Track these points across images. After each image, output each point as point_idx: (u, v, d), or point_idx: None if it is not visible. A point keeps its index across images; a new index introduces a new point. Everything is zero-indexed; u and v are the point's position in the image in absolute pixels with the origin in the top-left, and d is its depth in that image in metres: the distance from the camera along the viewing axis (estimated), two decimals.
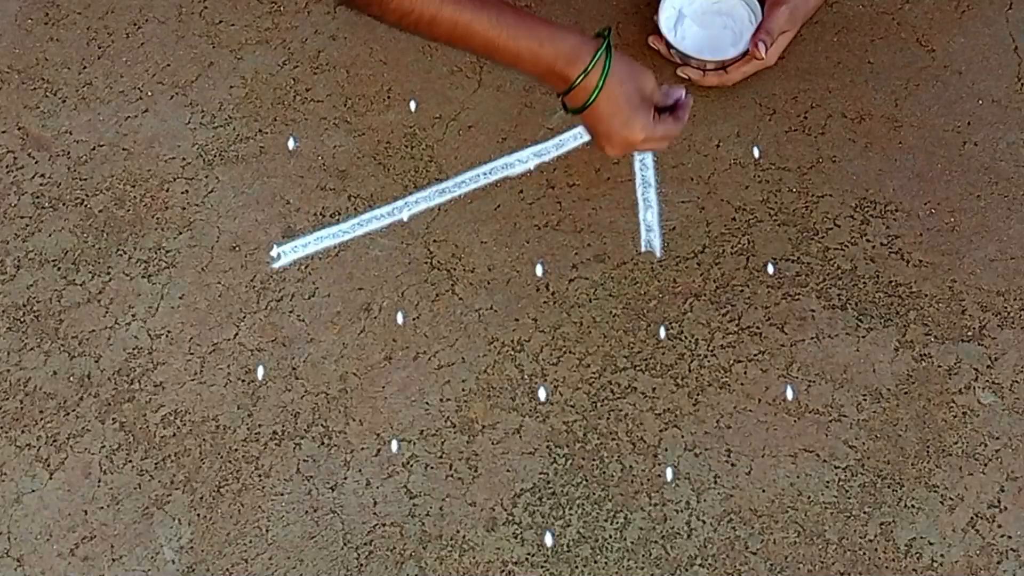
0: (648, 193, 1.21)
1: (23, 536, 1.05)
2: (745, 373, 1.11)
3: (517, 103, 1.27)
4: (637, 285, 1.16)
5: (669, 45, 1.26)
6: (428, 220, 1.20)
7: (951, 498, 1.04)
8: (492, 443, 1.08)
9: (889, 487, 1.05)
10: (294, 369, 1.13)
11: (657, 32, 1.26)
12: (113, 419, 1.10)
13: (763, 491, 1.05)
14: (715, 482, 1.06)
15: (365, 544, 1.04)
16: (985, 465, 1.05)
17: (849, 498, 1.04)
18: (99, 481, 1.07)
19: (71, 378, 1.13)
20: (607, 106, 1.03)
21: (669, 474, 1.06)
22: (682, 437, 1.08)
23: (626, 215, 1.20)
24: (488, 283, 1.17)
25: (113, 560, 1.04)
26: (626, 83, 1.03)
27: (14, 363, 1.14)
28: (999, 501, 1.04)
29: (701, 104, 1.26)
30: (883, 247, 1.17)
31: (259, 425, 1.10)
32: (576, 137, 1.25)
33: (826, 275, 1.15)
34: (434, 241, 1.19)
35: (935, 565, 1.01)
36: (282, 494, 1.06)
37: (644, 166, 1.23)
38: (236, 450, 1.08)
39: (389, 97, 1.28)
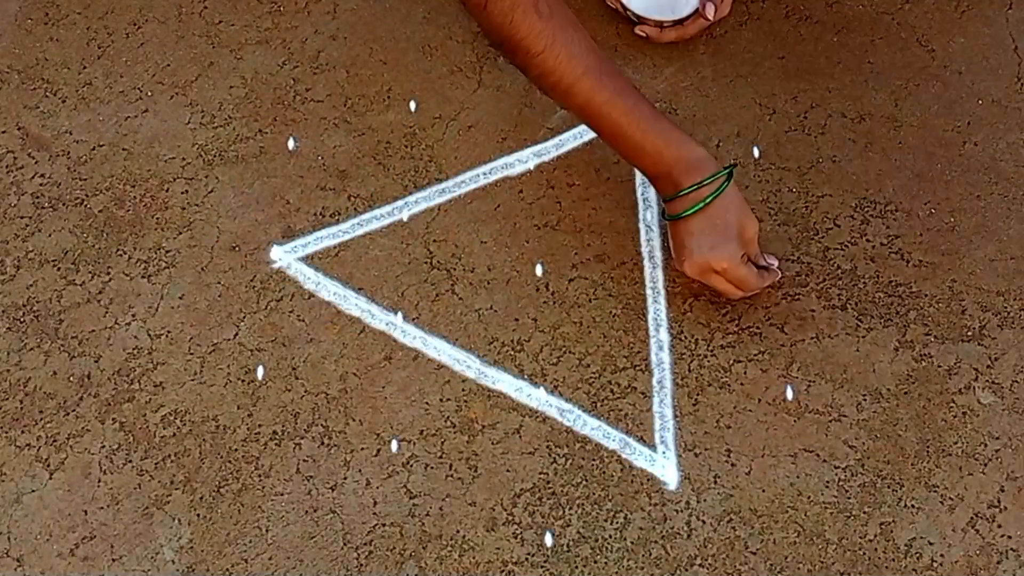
0: (648, 193, 1.21)
1: (23, 536, 1.05)
2: (745, 373, 1.11)
3: (517, 103, 1.27)
4: (637, 285, 1.16)
5: (624, 6, 1.27)
6: (428, 220, 1.20)
7: (951, 498, 1.04)
8: (492, 443, 1.08)
9: (889, 487, 1.05)
10: (294, 369, 1.13)
11: None
12: (113, 419, 1.10)
13: (763, 491, 1.05)
14: (715, 482, 1.06)
15: (365, 544, 1.04)
16: (985, 465, 1.05)
17: (849, 498, 1.04)
18: (99, 481, 1.07)
19: (71, 378, 1.13)
20: (702, 224, 1.03)
21: (669, 474, 1.06)
22: (682, 437, 1.08)
23: (626, 215, 1.20)
24: (488, 283, 1.17)
25: (113, 560, 1.04)
26: (730, 213, 1.04)
27: (14, 363, 1.14)
28: (999, 501, 1.04)
29: (701, 104, 1.27)
30: (883, 247, 1.17)
31: (259, 425, 1.10)
32: (576, 137, 1.25)
33: (826, 275, 1.15)
34: (434, 241, 1.19)
35: (935, 565, 1.01)
36: (282, 494, 1.06)
37: None
38: (236, 450, 1.08)
39: (389, 97, 1.28)
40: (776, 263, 1.11)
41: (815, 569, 1.01)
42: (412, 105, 1.28)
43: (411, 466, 1.07)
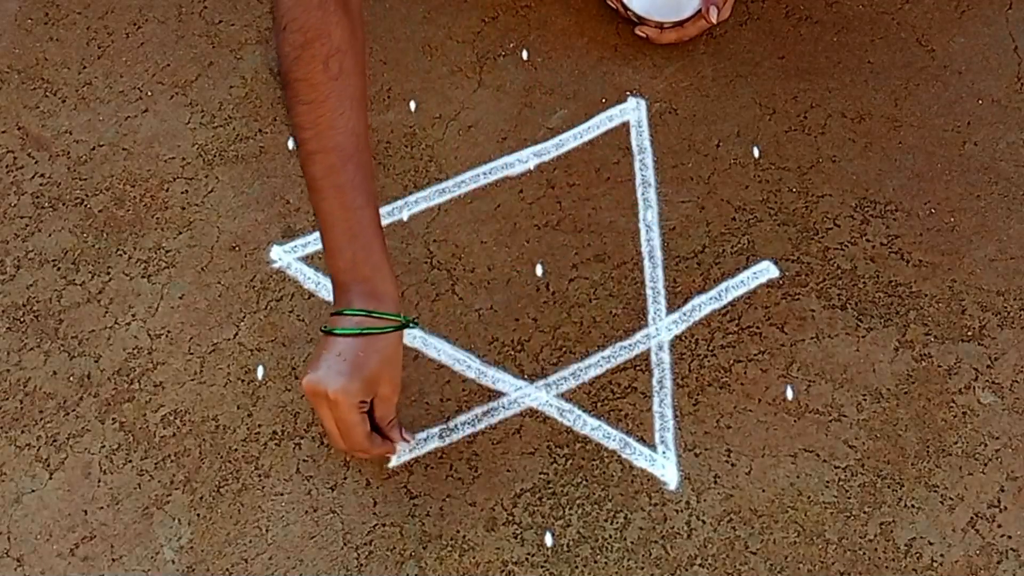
0: (648, 193, 1.21)
1: (23, 536, 1.05)
2: (745, 373, 1.11)
3: (517, 103, 1.27)
4: (637, 285, 1.16)
5: (625, 6, 1.27)
6: (428, 220, 1.20)
7: (951, 498, 1.04)
8: (492, 443, 1.08)
9: (889, 487, 1.05)
10: (294, 369, 1.12)
11: None
12: (113, 419, 1.10)
13: (763, 491, 1.05)
14: (715, 482, 1.06)
15: (365, 544, 1.04)
16: (985, 465, 1.05)
17: (849, 498, 1.04)
18: (99, 481, 1.07)
19: (71, 378, 1.13)
20: (345, 350, 0.95)
21: (669, 474, 1.06)
22: (682, 437, 1.08)
23: (626, 215, 1.20)
24: (488, 283, 1.17)
25: (113, 560, 1.04)
26: (377, 357, 0.96)
27: (14, 363, 1.14)
28: (999, 501, 1.04)
29: (701, 104, 1.27)
30: (883, 247, 1.17)
31: (259, 425, 1.10)
32: (576, 137, 1.25)
33: (826, 275, 1.15)
34: (434, 241, 1.19)
35: (935, 565, 1.01)
36: (282, 494, 1.06)
37: (644, 166, 1.23)
38: (236, 450, 1.08)
39: (389, 97, 1.28)
40: (407, 445, 1.03)
41: (815, 569, 1.01)
42: (412, 105, 1.28)
43: (411, 466, 1.07)
